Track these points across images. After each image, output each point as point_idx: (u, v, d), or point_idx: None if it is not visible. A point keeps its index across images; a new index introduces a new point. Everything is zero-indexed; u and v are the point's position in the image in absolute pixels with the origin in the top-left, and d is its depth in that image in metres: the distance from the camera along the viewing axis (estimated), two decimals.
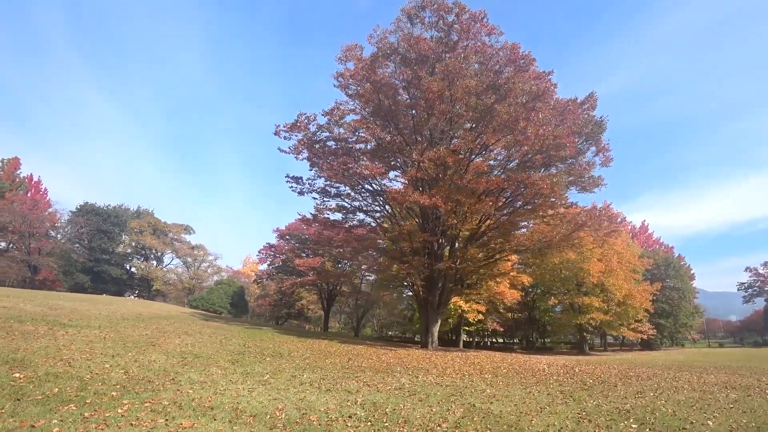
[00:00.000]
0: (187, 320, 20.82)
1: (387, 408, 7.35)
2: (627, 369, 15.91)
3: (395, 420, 6.66)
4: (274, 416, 6.53)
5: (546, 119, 15.66)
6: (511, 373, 12.81)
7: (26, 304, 17.45)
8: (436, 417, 6.90)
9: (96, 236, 45.89)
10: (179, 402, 6.83)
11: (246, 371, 9.76)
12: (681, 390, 10.19)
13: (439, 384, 9.89)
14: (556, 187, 15.89)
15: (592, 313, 34.43)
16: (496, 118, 15.76)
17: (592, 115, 20.66)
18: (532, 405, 8.03)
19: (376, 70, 18.37)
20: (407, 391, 8.85)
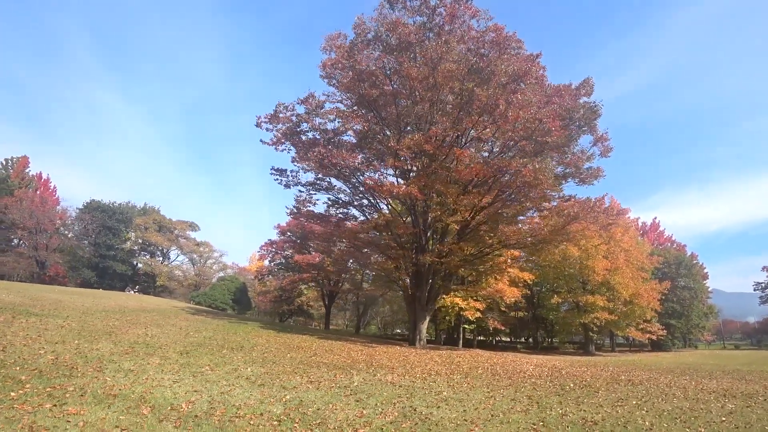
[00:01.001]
0: (172, 313, 20.69)
1: (312, 407, 6.79)
2: (621, 372, 15.03)
3: (310, 420, 6.11)
4: (177, 408, 6.09)
5: (527, 101, 14.79)
6: (486, 374, 12.11)
7: (9, 295, 17.54)
8: (359, 420, 6.31)
9: (101, 233, 46.69)
10: (85, 389, 6.48)
11: (187, 362, 9.38)
12: (671, 398, 9.36)
13: (393, 384, 9.30)
14: (540, 174, 14.99)
15: (596, 312, 33.19)
16: (475, 102, 15.01)
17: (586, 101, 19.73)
18: (485, 412, 7.30)
19: (356, 56, 17.83)
20: (351, 390, 8.28)
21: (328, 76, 19.45)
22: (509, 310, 40.78)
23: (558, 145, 18.56)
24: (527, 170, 14.50)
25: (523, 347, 43.50)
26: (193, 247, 59.80)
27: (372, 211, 23.59)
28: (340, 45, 17.98)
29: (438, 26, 17.82)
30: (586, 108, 18.37)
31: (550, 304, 36.88)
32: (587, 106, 18.59)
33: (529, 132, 15.35)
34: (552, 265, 36.38)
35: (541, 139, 15.67)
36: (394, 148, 15.82)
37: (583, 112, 17.95)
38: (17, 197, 42.10)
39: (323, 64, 19.15)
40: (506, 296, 32.66)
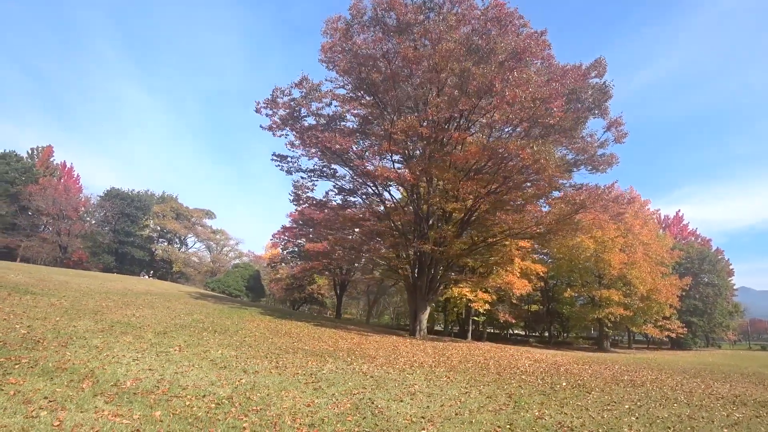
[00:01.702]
0: (174, 297, 21.06)
1: (262, 393, 6.55)
2: (627, 371, 14.20)
3: (252, 406, 5.86)
4: (120, 384, 6.03)
5: (524, 79, 13.99)
6: (474, 368, 11.66)
7: (18, 275, 18.23)
8: (305, 409, 5.99)
9: (121, 220, 48.28)
10: (39, 362, 6.54)
11: (159, 342, 9.40)
12: (671, 403, 8.56)
13: (365, 374, 8.97)
14: (539, 157, 14.20)
15: (611, 307, 32.02)
16: (471, 82, 14.36)
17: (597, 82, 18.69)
18: (451, 409, 6.76)
19: (354, 39, 17.42)
20: (315, 377, 8.01)
21: (328, 61, 19.09)
22: (521, 302, 39.97)
23: (565, 129, 17.68)
24: (525, 153, 13.79)
25: (537, 341, 42.61)
26: (209, 234, 61.13)
27: (376, 199, 23.31)
28: (338, 28, 17.58)
29: (438, 5, 17.16)
30: (595, 89, 17.34)
31: (563, 297, 35.88)
32: (596, 86, 17.55)
33: (530, 113, 14.59)
34: (566, 258, 35.33)
35: (544, 121, 14.89)
36: (389, 132, 15.39)
37: (591, 93, 16.94)
38: (42, 185, 43.85)
39: (322, 47, 18.80)
40: (516, 288, 31.89)
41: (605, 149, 22.17)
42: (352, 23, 16.93)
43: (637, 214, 34.28)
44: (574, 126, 17.13)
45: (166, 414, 5.22)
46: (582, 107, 17.57)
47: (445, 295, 34.73)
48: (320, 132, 17.54)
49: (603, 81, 18.06)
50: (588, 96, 16.95)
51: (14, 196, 41.44)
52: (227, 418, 5.36)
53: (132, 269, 47.89)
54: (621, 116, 20.40)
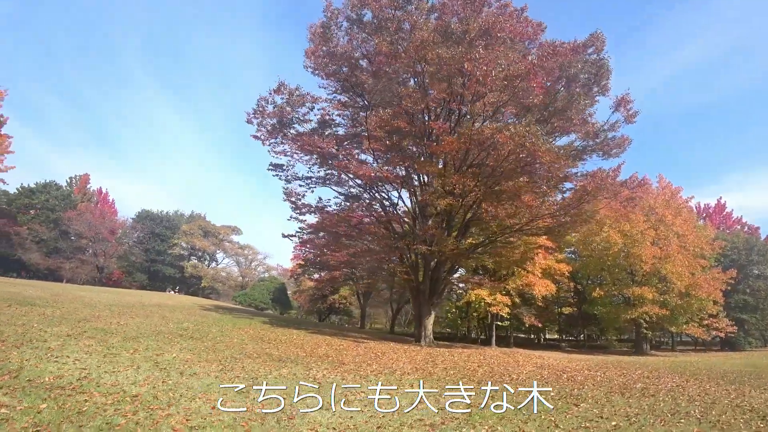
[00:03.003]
0: (182, 309, 21.72)
1: (177, 393, 6.50)
2: (647, 377, 12.62)
3: (153, 404, 5.84)
4: (36, 379, 6.31)
5: (493, 57, 13.27)
6: (455, 375, 10.83)
7: (36, 290, 19.55)
8: (205, 411, 5.83)
9: (151, 239, 50.98)
10: None
11: (121, 345, 9.68)
12: (677, 419, 7.17)
13: (313, 379, 8.53)
14: (523, 140, 13.38)
15: (645, 305, 29.80)
16: (443, 66, 13.93)
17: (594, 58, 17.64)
18: (379, 420, 6.18)
19: (333, 41, 17.54)
20: (254, 381, 7.65)
21: (313, 67, 19.33)
22: (551, 305, 38.13)
23: (558, 110, 16.75)
24: (502, 136, 13.09)
25: (571, 346, 40.36)
26: (237, 249, 63.22)
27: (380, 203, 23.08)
28: (317, 32, 17.78)
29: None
30: (588, 63, 16.20)
31: (593, 297, 33.84)
32: (591, 61, 16.47)
33: (510, 94, 13.89)
34: (593, 255, 33.44)
35: (527, 101, 14.15)
36: (368, 129, 15.24)
37: (581, 67, 15.81)
38: (80, 211, 47.18)
39: (306, 53, 19.08)
40: (536, 289, 30.57)
41: (616, 132, 20.97)
42: (329, 25, 17.05)
43: (668, 203, 31.96)
44: (568, 106, 16.15)
45: (52, 407, 5.27)
46: (576, 85, 16.56)
47: (463, 299, 33.80)
48: (308, 137, 17.68)
49: (600, 56, 17.02)
50: (578, 71, 15.87)
51: (55, 221, 44.85)
52: (114, 414, 5.31)
53: (163, 286, 50.35)
54: (628, 93, 19.12)
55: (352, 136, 20.66)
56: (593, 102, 20.96)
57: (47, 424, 4.77)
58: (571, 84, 16.74)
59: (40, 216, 44.19)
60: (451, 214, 20.91)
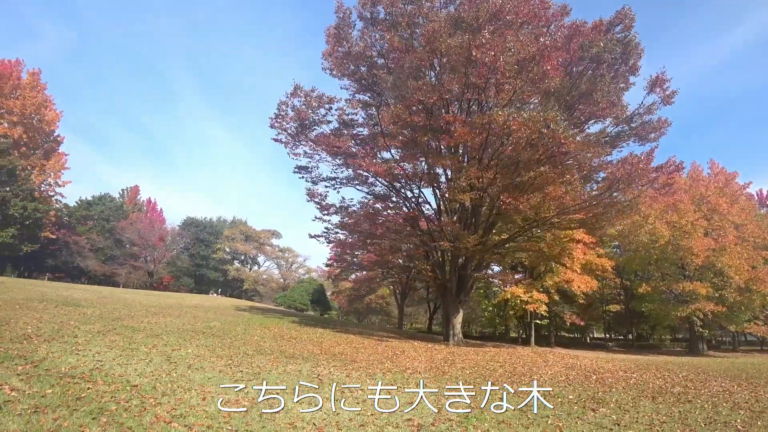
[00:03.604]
0: (217, 310, 22.66)
1: (176, 385, 6.81)
2: (690, 380, 11.38)
3: (148, 394, 6.17)
4: (54, 368, 6.83)
5: (500, 42, 12.65)
6: (471, 376, 10.44)
7: (85, 294, 21.15)
8: (195, 402, 6.04)
9: (196, 245, 53.80)
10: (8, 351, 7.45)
11: (141, 341, 10.27)
12: (712, 430, 6.44)
13: (316, 377, 8.58)
14: (535, 125, 12.64)
15: (698, 302, 27.57)
16: (452, 55, 13.57)
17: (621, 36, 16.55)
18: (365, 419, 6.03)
19: (348, 40, 17.69)
20: (256, 377, 7.93)
21: (330, 68, 19.59)
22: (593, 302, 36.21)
23: (583, 93, 15.87)
24: (515, 122, 12.52)
25: (618, 345, 38.12)
26: (277, 253, 65.38)
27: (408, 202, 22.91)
28: (331, 33, 18.00)
29: None
30: (612, 42, 15.15)
31: (640, 294, 31.80)
32: (614, 39, 15.41)
33: (526, 79, 13.28)
34: (638, 249, 31.42)
35: (542, 86, 13.49)
36: (381, 125, 15.20)
37: (604, 46, 14.79)
38: (131, 220, 50.71)
39: (323, 55, 19.39)
40: (575, 286, 29.20)
41: (652, 115, 19.59)
42: (342, 25, 17.22)
43: (722, 190, 29.39)
44: (593, 89, 15.23)
45: (56, 392, 5.69)
46: (601, 67, 15.60)
47: (499, 297, 32.82)
48: (324, 138, 17.93)
49: (624, 34, 15.96)
50: (603, 51, 14.88)
51: (110, 231, 48.47)
52: (108, 400, 5.62)
53: (208, 289, 53.01)
54: (664, 72, 17.83)
55: (372, 135, 20.71)
56: (627, 84, 19.75)
57: (45, 407, 5.14)
58: (596, 65, 15.83)
59: (97, 226, 47.98)
60: (475, 209, 20.41)
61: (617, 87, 17.25)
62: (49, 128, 37.96)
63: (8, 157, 31.96)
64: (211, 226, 57.40)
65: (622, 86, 20.35)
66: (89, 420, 4.94)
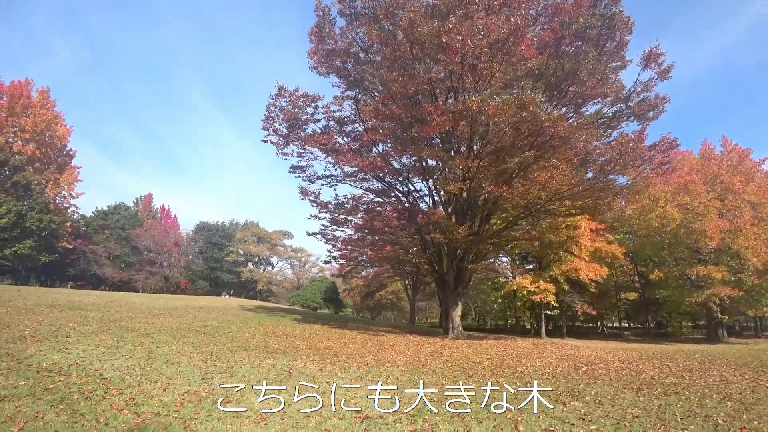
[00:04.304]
0: (217, 310, 23.36)
1: (145, 378, 7.29)
2: (684, 372, 10.78)
3: (115, 386, 6.68)
4: (35, 365, 7.39)
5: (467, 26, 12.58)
6: (452, 368, 10.56)
7: (95, 299, 22.15)
8: (155, 392, 6.50)
9: (209, 248, 55.30)
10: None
11: (131, 339, 10.86)
12: (687, 425, 6.12)
13: (286, 371, 8.84)
14: (510, 109, 12.57)
15: (714, 287, 26.89)
16: (425, 43, 13.63)
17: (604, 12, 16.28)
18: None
19: (329, 36, 17.98)
20: (227, 371, 8.36)
21: (316, 66, 19.91)
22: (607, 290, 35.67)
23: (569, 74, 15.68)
24: (490, 107, 12.51)
25: (635, 334, 37.42)
26: (290, 253, 66.49)
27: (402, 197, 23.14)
28: (313, 31, 18.32)
29: None
30: (594, 17, 14.84)
31: (652, 280, 31.18)
32: (596, 15, 15.11)
33: (501, 62, 13.22)
34: (650, 234, 30.79)
35: (520, 67, 13.45)
36: (363, 119, 15.45)
37: (585, 22, 14.49)
38: (146, 227, 52.48)
39: (308, 53, 19.72)
40: (583, 274, 28.88)
41: (650, 92, 19.23)
42: (323, 23, 17.51)
43: (736, 169, 28.48)
44: (577, 68, 15.03)
45: (28, 385, 6.23)
46: (585, 44, 15.39)
47: (506, 288, 32.67)
48: (309, 136, 18.31)
49: (611, 10, 15.67)
50: (584, 28, 14.58)
51: (126, 238, 50.25)
52: (73, 391, 6.12)
53: (222, 291, 54.46)
54: (658, 45, 17.47)
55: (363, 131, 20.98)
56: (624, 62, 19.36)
57: (12, 397, 5.69)
58: (580, 43, 15.64)
59: (113, 235, 49.88)
60: (471, 200, 20.46)
61: (605, 65, 17.01)
62: (60, 143, 39.73)
63: (23, 173, 33.69)
64: (224, 229, 58.88)
65: (618, 64, 20.02)
66: (47, 407, 5.43)
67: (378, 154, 16.28)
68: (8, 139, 35.49)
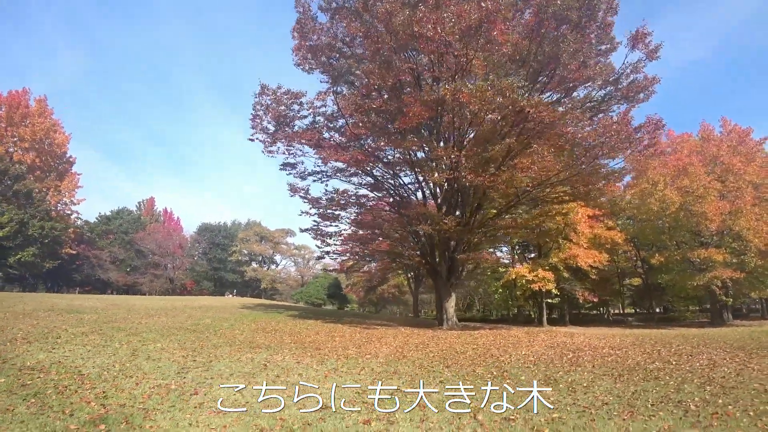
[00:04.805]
0: (214, 309, 23.63)
1: (121, 373, 7.68)
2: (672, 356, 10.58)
3: (90, 381, 7.07)
4: (19, 364, 7.78)
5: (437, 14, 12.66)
6: (434, 359, 10.73)
7: (98, 302, 22.72)
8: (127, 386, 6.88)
9: (212, 249, 56.10)
10: None
11: (119, 338, 11.28)
12: (655, 411, 6.08)
13: (262, 364, 9.18)
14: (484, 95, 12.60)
15: (715, 270, 26.75)
16: (400, 34, 13.71)
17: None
18: None
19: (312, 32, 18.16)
20: (204, 366, 8.67)
21: (298, 63, 20.10)
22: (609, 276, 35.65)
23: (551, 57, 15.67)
24: (463, 95, 12.59)
25: (639, 320, 37.36)
26: (292, 251, 67.11)
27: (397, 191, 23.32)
28: (295, 28, 18.50)
29: None
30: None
31: (655, 265, 31.11)
32: None
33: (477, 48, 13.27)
34: (650, 218, 30.67)
35: (495, 53, 13.52)
36: (343, 113, 15.66)
37: (561, 3, 14.41)
38: (148, 231, 53.35)
39: (293, 50, 19.94)
40: (581, 261, 28.93)
41: (639, 74, 19.17)
42: (303, 19, 17.69)
43: (736, 149, 28.20)
44: (557, 51, 14.99)
45: (8, 381, 6.69)
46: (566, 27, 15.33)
47: (504, 278, 32.79)
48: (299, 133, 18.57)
49: None
50: (560, 9, 14.53)
51: (130, 242, 51.15)
52: (47, 386, 6.49)
53: (227, 291, 55.27)
54: (644, 26, 17.40)
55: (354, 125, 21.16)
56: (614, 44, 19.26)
57: None
58: (561, 26, 15.61)
59: (117, 239, 50.82)
60: (462, 190, 20.59)
61: (588, 47, 16.97)
62: (60, 150, 40.54)
63: (24, 182, 34.51)
64: (226, 229, 59.67)
65: (607, 47, 19.97)
66: (20, 401, 5.82)
67: (359, 147, 16.43)
68: (8, 149, 36.35)
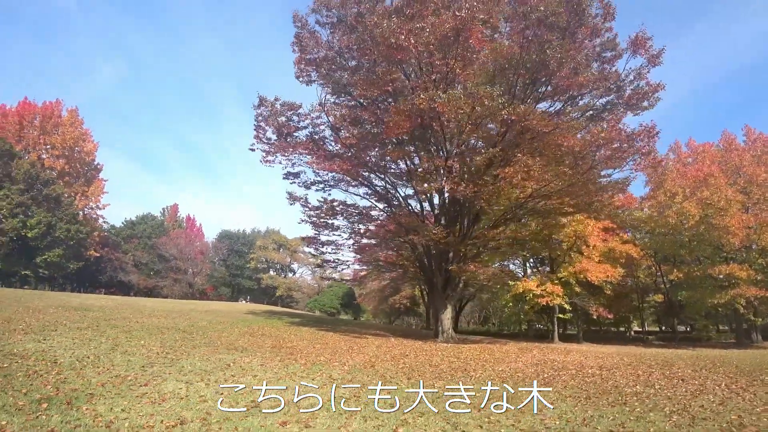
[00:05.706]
0: (216, 313, 24.72)
1: (93, 366, 8.58)
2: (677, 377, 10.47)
3: (64, 373, 7.97)
4: (9, 354, 8.70)
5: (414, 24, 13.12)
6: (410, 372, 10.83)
7: (109, 302, 24.31)
8: (96, 380, 7.68)
9: (231, 256, 58.17)
10: None
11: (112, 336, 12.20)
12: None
13: (226, 365, 9.75)
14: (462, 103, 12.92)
15: (739, 287, 25.74)
16: (381, 45, 14.30)
17: None
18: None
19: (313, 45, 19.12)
20: (173, 365, 9.17)
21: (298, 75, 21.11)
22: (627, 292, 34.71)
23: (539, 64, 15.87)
24: (439, 104, 12.99)
25: (661, 338, 36.02)
26: (309, 259, 68.39)
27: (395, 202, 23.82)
28: (294, 42, 19.54)
29: None
30: (554, 3, 14.75)
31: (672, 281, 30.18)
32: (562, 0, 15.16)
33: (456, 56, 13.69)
34: (667, 232, 29.84)
35: (475, 60, 13.90)
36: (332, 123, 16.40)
37: (544, 9, 14.47)
38: (171, 236, 55.95)
39: (294, 62, 21.02)
40: (592, 275, 28.45)
41: (641, 81, 19.09)
42: (301, 34, 18.69)
43: (760, 159, 27.21)
44: (543, 57, 15.16)
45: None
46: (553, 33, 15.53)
47: (511, 291, 32.48)
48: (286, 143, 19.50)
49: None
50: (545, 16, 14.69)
51: (152, 247, 53.80)
52: (21, 371, 7.40)
53: (244, 297, 57.14)
54: (643, 31, 17.41)
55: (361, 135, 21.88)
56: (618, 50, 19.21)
57: None
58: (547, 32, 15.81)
59: (140, 244, 53.60)
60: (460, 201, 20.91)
61: (582, 54, 17.07)
62: (88, 158, 43.60)
63: (53, 187, 37.30)
64: (245, 237, 61.77)
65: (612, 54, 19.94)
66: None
67: (352, 158, 17.10)
68: (40, 155, 39.48)
